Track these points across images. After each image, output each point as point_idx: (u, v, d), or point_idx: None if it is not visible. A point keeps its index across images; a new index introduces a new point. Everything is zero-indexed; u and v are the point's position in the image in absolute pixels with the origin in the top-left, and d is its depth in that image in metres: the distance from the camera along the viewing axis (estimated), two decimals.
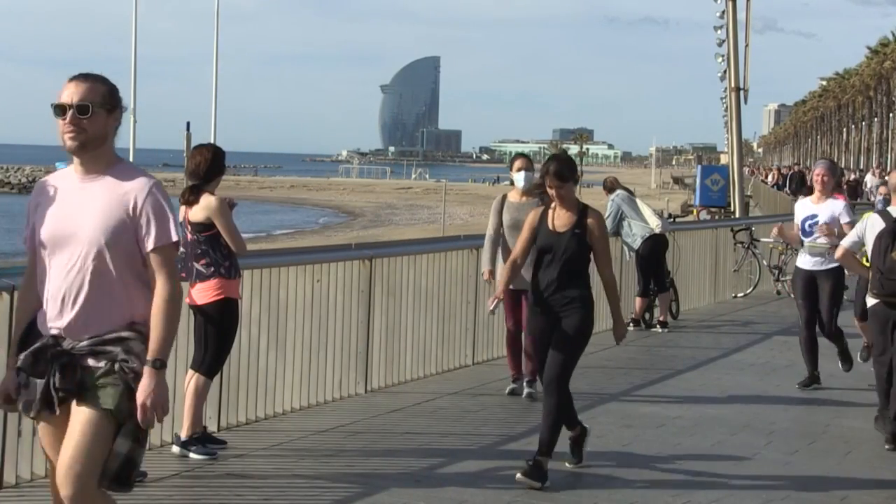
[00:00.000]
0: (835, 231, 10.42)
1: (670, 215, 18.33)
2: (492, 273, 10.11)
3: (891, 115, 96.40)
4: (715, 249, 17.61)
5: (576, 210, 7.70)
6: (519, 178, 10.31)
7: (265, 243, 42.50)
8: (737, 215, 28.75)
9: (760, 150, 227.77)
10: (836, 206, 10.66)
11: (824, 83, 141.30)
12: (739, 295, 18.00)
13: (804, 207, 10.88)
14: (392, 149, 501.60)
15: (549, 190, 7.64)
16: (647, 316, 14.50)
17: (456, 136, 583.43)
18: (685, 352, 13.01)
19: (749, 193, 26.94)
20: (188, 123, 37.75)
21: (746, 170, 60.66)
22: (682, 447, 8.52)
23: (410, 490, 7.19)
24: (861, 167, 77.75)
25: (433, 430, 8.89)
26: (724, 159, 74.61)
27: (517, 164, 10.46)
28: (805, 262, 10.78)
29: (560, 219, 7.70)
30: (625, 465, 7.97)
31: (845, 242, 9.61)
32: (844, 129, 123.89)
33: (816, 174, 10.82)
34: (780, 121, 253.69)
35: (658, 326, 14.36)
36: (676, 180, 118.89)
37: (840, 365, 11.33)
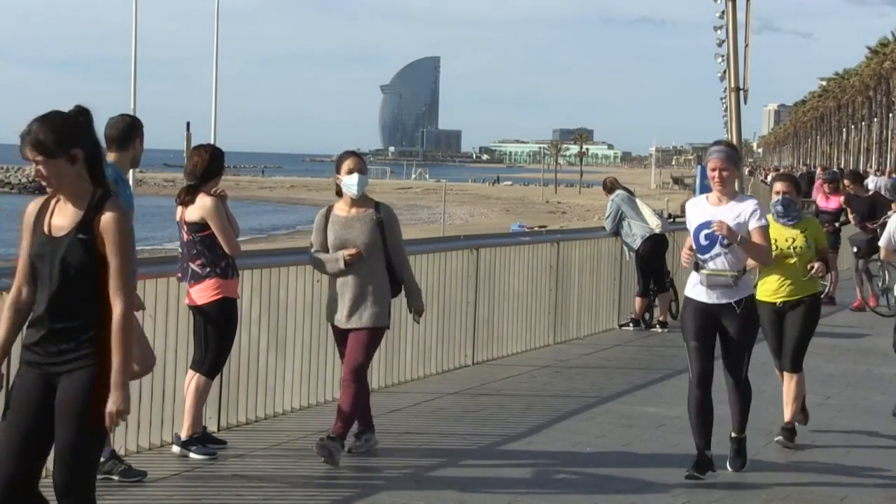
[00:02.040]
0: (738, 237, 7.47)
1: (670, 215, 18.23)
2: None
3: (890, 115, 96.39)
4: None
5: None
6: (350, 182, 7.89)
7: (265, 243, 42.49)
8: None
9: (760, 150, 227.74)
10: (743, 209, 7.60)
11: (824, 83, 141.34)
12: None
13: (698, 211, 7.70)
14: (392, 149, 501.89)
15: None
16: (647, 316, 14.50)
17: (456, 136, 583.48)
18: (685, 352, 12.97)
19: (749, 194, 26.88)
20: (188, 124, 37.76)
21: (746, 170, 60.71)
22: (682, 447, 8.50)
23: (410, 490, 7.18)
24: (868, 167, 77.67)
25: (433, 430, 8.88)
26: None
27: (347, 164, 7.94)
28: (699, 292, 7.64)
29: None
30: (625, 465, 7.96)
31: (884, 243, 9.51)
32: (844, 130, 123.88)
33: (711, 168, 7.63)
34: (780, 121, 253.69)
35: (658, 326, 14.35)
36: (676, 180, 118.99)
37: (728, 462, 7.83)
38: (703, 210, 7.65)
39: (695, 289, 7.63)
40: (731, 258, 7.52)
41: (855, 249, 16.68)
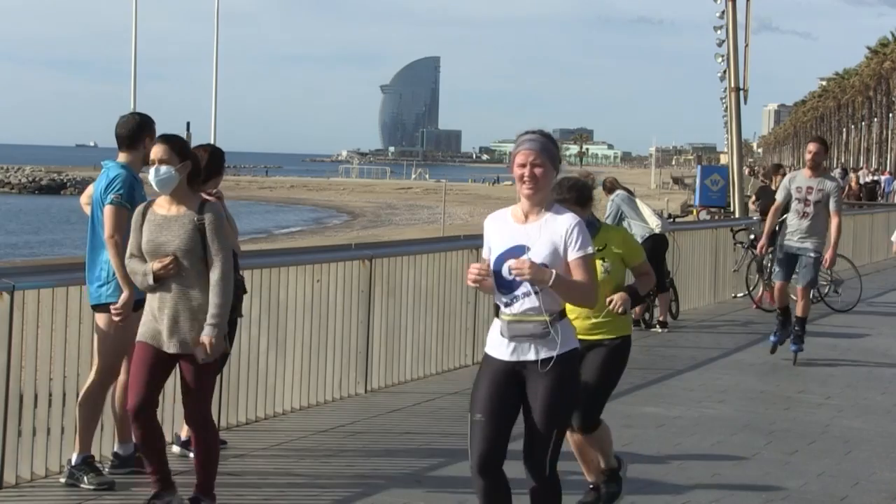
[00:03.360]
0: (550, 278, 5.19)
1: (670, 215, 18.30)
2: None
3: (890, 115, 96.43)
4: (715, 249, 17.60)
5: None
6: (154, 175, 6.52)
7: (265, 243, 42.49)
8: (736, 215, 28.75)
9: (760, 150, 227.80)
10: (559, 229, 5.34)
11: (824, 83, 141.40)
12: (739, 295, 17.98)
13: (498, 230, 5.46)
14: (392, 149, 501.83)
15: None
16: (647, 316, 14.49)
17: (456, 136, 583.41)
18: (685, 352, 13.01)
19: (749, 194, 26.87)
20: (188, 123, 37.73)
21: (746, 170, 60.63)
22: (682, 447, 8.52)
23: (410, 490, 7.19)
24: (875, 167, 77.63)
25: (433, 430, 8.88)
26: (723, 159, 74.64)
27: (154, 151, 6.56)
28: (498, 345, 5.45)
29: None
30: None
31: None
32: (844, 130, 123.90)
33: (520, 164, 5.35)
34: (780, 121, 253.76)
35: (658, 326, 14.36)
36: (676, 180, 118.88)
37: None
38: (506, 229, 5.43)
39: (493, 340, 5.47)
40: (546, 297, 5.28)
41: (752, 237, 16.86)
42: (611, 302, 6.45)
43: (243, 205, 69.40)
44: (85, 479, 7.02)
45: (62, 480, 7.10)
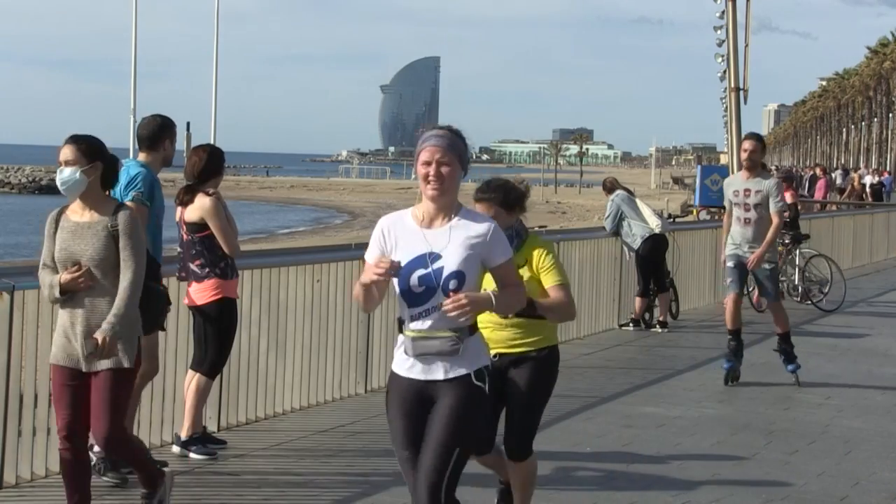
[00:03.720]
0: (488, 302, 4.69)
1: (670, 215, 18.26)
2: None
3: (890, 115, 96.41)
4: (715, 249, 17.57)
5: None
6: (59, 177, 5.94)
7: (265, 243, 42.50)
8: None
9: None
10: (480, 231, 4.81)
11: (824, 83, 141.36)
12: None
13: (405, 236, 4.85)
14: (392, 149, 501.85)
15: None
16: (647, 316, 14.50)
17: None
18: (685, 352, 13.01)
19: None
20: (188, 123, 37.75)
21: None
22: (682, 447, 8.52)
23: None
24: (875, 166, 77.58)
25: None
26: (724, 159, 74.57)
27: (61, 152, 5.97)
28: (404, 362, 4.84)
29: None
30: (625, 465, 7.97)
31: None
32: (844, 130, 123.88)
33: (424, 161, 4.80)
34: (780, 121, 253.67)
35: (658, 326, 14.36)
36: (676, 180, 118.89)
37: None
38: (408, 235, 4.83)
39: (400, 356, 4.86)
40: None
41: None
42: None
43: (243, 205, 69.43)
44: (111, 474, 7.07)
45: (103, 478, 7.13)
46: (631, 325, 14.33)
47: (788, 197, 18.38)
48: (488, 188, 6.02)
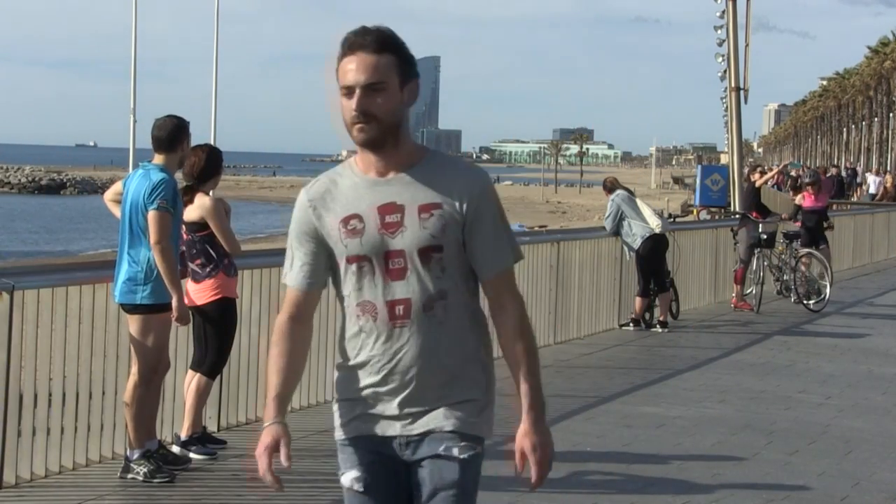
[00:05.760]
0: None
1: (670, 215, 18.26)
2: None
3: (891, 115, 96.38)
4: (715, 249, 17.59)
5: None
6: None
7: (265, 243, 42.50)
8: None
9: (760, 150, 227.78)
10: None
11: (824, 83, 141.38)
12: (746, 293, 17.97)
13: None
14: None
15: None
16: (647, 316, 14.49)
17: (456, 136, 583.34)
18: (685, 352, 13.01)
19: None
20: (188, 123, 37.76)
21: (746, 170, 60.68)
22: (682, 447, 8.52)
23: None
24: (875, 166, 77.49)
25: None
26: (724, 159, 74.62)
27: None
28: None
29: None
30: (625, 465, 7.96)
31: None
32: (844, 129, 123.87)
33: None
34: (781, 121, 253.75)
35: (658, 326, 14.35)
36: (676, 180, 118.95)
37: None
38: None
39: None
40: None
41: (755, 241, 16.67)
42: None
43: (243, 205, 69.42)
44: (143, 471, 7.09)
45: (121, 476, 7.17)
46: (631, 324, 14.33)
47: (808, 200, 18.52)
48: None
